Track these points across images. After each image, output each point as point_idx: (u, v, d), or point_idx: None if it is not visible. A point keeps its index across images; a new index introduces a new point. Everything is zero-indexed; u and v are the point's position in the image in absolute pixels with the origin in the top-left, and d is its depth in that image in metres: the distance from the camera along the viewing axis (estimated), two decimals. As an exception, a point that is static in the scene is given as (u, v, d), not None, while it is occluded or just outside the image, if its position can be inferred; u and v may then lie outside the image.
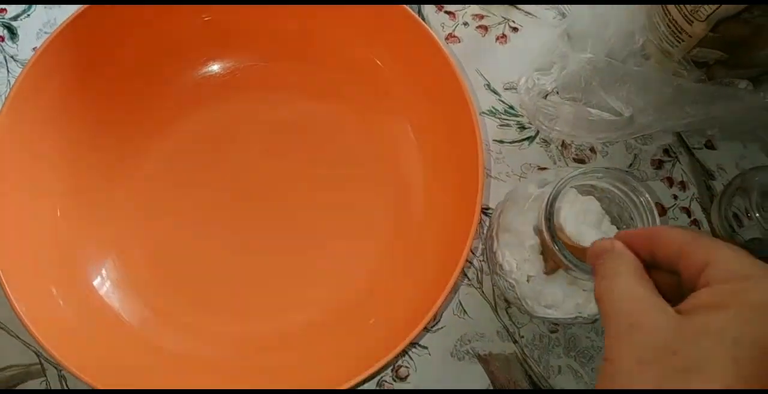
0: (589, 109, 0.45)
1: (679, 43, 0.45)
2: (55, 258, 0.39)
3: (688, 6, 0.43)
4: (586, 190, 0.42)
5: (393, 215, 0.45)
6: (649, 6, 0.47)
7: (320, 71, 0.47)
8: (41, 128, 0.41)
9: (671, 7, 0.44)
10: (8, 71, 0.49)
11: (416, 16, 0.44)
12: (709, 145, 0.51)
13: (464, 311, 0.46)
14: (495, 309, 0.46)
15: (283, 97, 0.48)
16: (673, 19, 0.44)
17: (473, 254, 0.47)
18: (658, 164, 0.50)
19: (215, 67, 0.48)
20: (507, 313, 0.46)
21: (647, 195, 0.36)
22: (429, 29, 0.43)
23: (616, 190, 0.38)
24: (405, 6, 0.44)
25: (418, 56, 0.44)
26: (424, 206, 0.44)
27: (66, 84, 0.42)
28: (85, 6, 0.41)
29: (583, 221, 0.42)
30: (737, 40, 0.43)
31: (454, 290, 0.46)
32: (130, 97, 0.45)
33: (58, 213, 0.41)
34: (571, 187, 0.38)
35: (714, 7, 0.41)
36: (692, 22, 0.43)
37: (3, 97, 0.49)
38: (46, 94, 0.41)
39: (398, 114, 0.46)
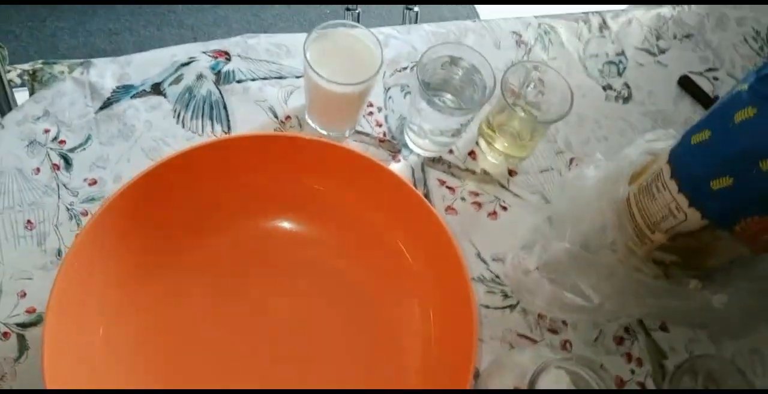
0: (564, 292, 0.53)
1: (643, 244, 0.54)
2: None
3: (651, 218, 0.52)
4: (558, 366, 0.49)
5: (389, 370, 0.51)
6: (618, 207, 0.56)
7: (351, 238, 0.55)
8: (96, 268, 0.46)
9: (637, 215, 0.54)
10: (59, 197, 0.55)
11: (426, 201, 0.52)
12: (663, 328, 0.59)
13: (441, 464, 0.50)
14: (469, 465, 0.50)
15: (314, 251, 0.55)
16: (639, 226, 0.54)
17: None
18: (620, 341, 0.57)
19: (286, 224, 0.55)
20: (479, 470, 0.50)
21: (611, 382, 0.43)
22: (435, 211, 0.51)
23: (584, 374, 0.45)
24: (416, 191, 0.52)
25: (426, 236, 0.52)
26: (421, 366, 0.50)
27: (126, 230, 0.48)
28: (173, 156, 0.48)
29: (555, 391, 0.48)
30: (690, 249, 0.52)
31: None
32: (184, 245, 0.52)
33: (101, 332, 0.46)
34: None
35: (673, 224, 0.50)
36: (654, 231, 0.52)
37: (53, 221, 0.54)
38: (107, 239, 0.47)
39: (408, 289, 0.53)
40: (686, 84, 0.75)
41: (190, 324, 0.51)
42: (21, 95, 0.83)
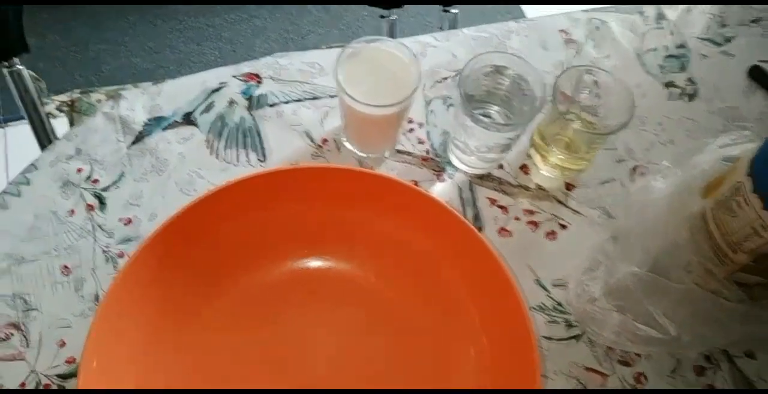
0: (636, 323, 0.48)
1: (722, 265, 0.48)
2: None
3: (732, 237, 0.46)
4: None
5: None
6: (691, 224, 0.51)
7: (396, 270, 0.52)
8: (130, 316, 0.44)
9: (715, 233, 0.48)
10: (95, 240, 0.53)
11: (472, 227, 0.48)
12: (749, 354, 0.53)
13: None
14: None
15: (358, 284, 0.53)
16: (718, 245, 0.48)
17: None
18: (700, 371, 0.52)
19: (316, 263, 0.53)
20: None
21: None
22: (482, 237, 0.47)
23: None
24: (460, 216, 0.48)
25: (477, 266, 0.48)
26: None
27: (161, 275, 0.46)
28: (205, 196, 0.47)
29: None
30: (777, 270, 0.46)
31: None
32: (223, 285, 0.50)
33: (134, 381, 0.44)
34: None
35: (758, 244, 0.44)
36: (736, 251, 0.46)
37: (90, 265, 0.52)
38: (140, 288, 0.45)
39: (460, 321, 0.50)
40: (757, 75, 0.68)
41: (230, 366, 0.48)
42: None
